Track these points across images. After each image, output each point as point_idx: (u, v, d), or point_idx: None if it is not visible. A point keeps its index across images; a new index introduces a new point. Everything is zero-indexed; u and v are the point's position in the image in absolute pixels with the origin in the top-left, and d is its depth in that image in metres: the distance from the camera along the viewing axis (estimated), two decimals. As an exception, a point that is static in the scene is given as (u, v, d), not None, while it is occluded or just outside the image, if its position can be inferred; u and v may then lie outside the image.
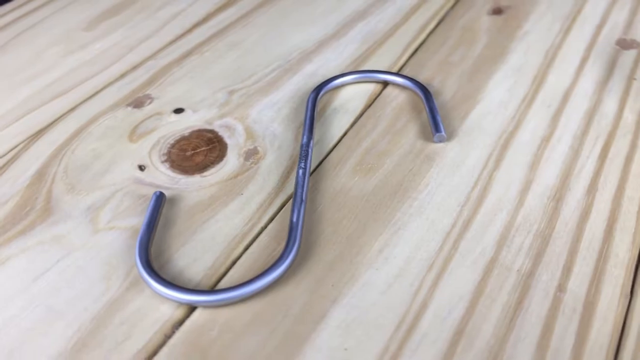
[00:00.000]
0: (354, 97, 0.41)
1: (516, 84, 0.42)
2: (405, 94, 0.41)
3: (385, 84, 0.42)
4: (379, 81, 0.42)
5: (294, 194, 0.32)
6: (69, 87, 0.43)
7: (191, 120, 0.40)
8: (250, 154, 0.37)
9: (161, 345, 0.26)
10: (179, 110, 0.40)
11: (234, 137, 0.38)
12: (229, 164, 0.36)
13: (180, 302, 0.28)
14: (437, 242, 0.31)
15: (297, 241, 0.30)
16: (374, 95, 0.41)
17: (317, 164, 0.36)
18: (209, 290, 0.28)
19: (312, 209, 0.33)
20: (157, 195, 0.32)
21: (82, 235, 0.32)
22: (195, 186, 0.34)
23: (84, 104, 0.41)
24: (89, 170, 0.36)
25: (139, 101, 0.41)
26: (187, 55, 0.47)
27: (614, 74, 0.43)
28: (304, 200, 0.32)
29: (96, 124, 0.39)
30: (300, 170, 0.34)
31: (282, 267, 0.29)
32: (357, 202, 0.33)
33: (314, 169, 0.35)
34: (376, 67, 0.44)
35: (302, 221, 0.31)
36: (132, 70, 0.45)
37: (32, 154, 0.37)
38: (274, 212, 0.33)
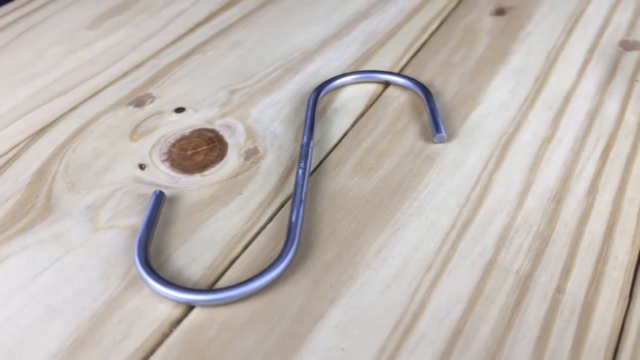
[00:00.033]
0: (355, 97, 0.41)
1: (518, 85, 0.42)
2: (406, 95, 0.41)
3: (386, 84, 0.42)
4: (380, 81, 0.42)
5: (293, 193, 0.32)
6: (71, 86, 0.43)
7: (192, 119, 0.40)
8: (250, 153, 0.37)
9: (159, 344, 0.27)
10: (180, 109, 0.41)
11: (235, 137, 0.38)
12: (229, 164, 0.36)
13: (178, 301, 0.28)
14: (436, 242, 0.31)
15: (295, 241, 0.30)
16: (375, 95, 0.41)
17: (317, 164, 0.36)
18: (207, 289, 0.28)
19: (312, 209, 0.33)
20: (157, 194, 0.33)
21: (81, 233, 0.32)
22: (195, 185, 0.35)
23: (86, 102, 0.41)
24: (89, 168, 0.36)
25: (140, 100, 0.41)
26: (189, 54, 0.47)
27: (616, 75, 0.43)
28: (303, 200, 0.32)
29: (97, 122, 0.39)
30: (300, 170, 0.34)
31: (280, 267, 0.29)
32: (356, 202, 0.33)
33: (314, 169, 0.35)
34: (378, 68, 0.44)
35: (301, 221, 0.31)
36: (134, 69, 0.45)
37: (33, 153, 0.37)
38: (273, 211, 0.33)
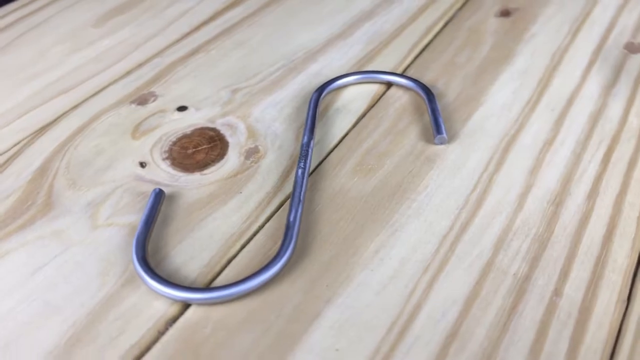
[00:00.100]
0: (357, 97, 0.41)
1: (521, 86, 0.42)
2: (408, 95, 0.41)
3: (388, 85, 0.42)
4: (383, 82, 0.42)
5: (292, 193, 0.32)
6: (74, 84, 0.43)
7: (194, 118, 0.40)
8: (251, 152, 0.37)
9: (154, 341, 0.27)
10: (183, 108, 0.41)
11: (236, 136, 0.38)
12: (230, 163, 0.36)
13: (174, 299, 0.28)
14: (434, 244, 0.31)
15: (292, 241, 0.30)
16: (377, 96, 0.41)
17: (317, 164, 0.36)
18: (204, 288, 0.28)
19: (311, 209, 0.33)
20: (157, 192, 0.33)
21: (81, 230, 0.32)
22: (195, 184, 0.35)
23: (89, 100, 0.42)
24: (90, 166, 0.36)
25: (143, 98, 0.42)
26: (192, 53, 0.47)
27: (621, 77, 0.42)
28: (302, 200, 0.32)
29: (100, 120, 0.40)
30: (299, 170, 0.34)
31: (277, 267, 0.29)
32: (355, 202, 0.33)
33: (314, 169, 0.35)
34: (381, 68, 0.44)
35: (299, 221, 0.31)
36: (138, 67, 0.45)
37: (35, 150, 0.37)
38: (272, 211, 0.33)
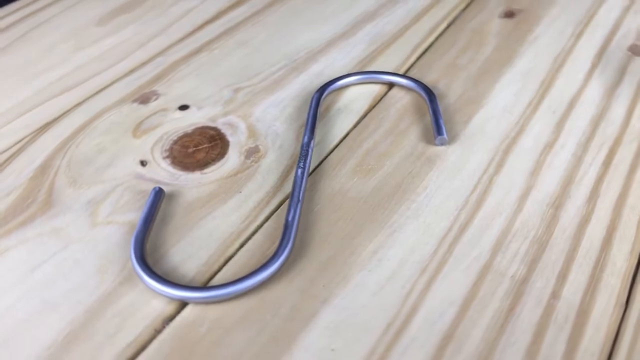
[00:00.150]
0: (358, 97, 0.41)
1: (523, 88, 0.42)
2: (410, 96, 0.41)
3: (390, 86, 0.42)
4: (384, 82, 0.42)
5: (291, 193, 0.32)
6: (77, 82, 0.44)
7: (195, 117, 0.40)
8: (251, 152, 0.37)
9: (151, 339, 0.27)
10: (184, 107, 0.41)
11: (236, 135, 0.38)
12: (230, 162, 0.36)
13: (171, 298, 0.28)
14: (432, 245, 0.31)
15: (290, 240, 0.30)
16: (378, 96, 0.41)
17: (317, 164, 0.36)
18: (201, 287, 0.28)
19: (309, 209, 0.33)
20: (156, 191, 0.33)
21: (80, 228, 0.32)
22: (194, 183, 0.35)
23: (91, 99, 0.42)
24: (91, 164, 0.36)
25: (145, 97, 0.42)
26: (195, 52, 0.47)
27: (624, 80, 0.42)
28: (301, 200, 0.32)
29: (101, 119, 0.40)
30: (299, 169, 0.34)
31: (274, 266, 0.29)
32: (354, 203, 0.33)
33: (314, 169, 0.35)
34: (383, 68, 0.44)
35: (298, 221, 0.31)
36: (141, 66, 0.45)
37: (37, 147, 0.38)
38: (271, 210, 0.33)
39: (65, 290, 0.29)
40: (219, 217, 0.33)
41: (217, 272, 0.30)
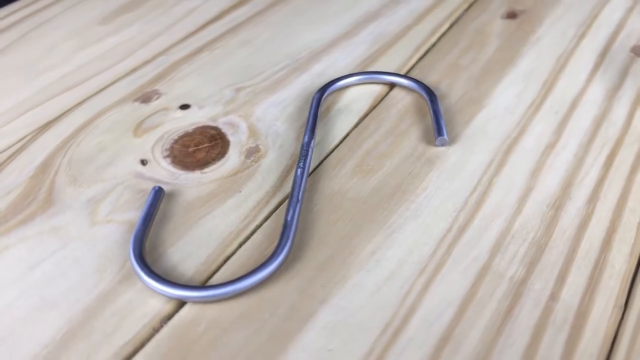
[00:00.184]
0: (359, 98, 0.41)
1: (525, 89, 0.41)
2: (411, 97, 0.41)
3: (391, 86, 0.42)
4: (385, 83, 0.42)
5: (290, 193, 0.32)
6: (79, 81, 0.44)
7: (196, 116, 0.40)
8: (251, 151, 0.37)
9: (149, 338, 0.27)
10: (185, 106, 0.41)
11: (237, 135, 0.38)
12: (230, 161, 0.36)
13: (170, 297, 0.28)
14: (431, 246, 0.31)
15: (289, 240, 0.30)
16: (379, 97, 0.41)
17: (317, 164, 0.36)
18: (199, 286, 0.29)
19: (309, 209, 0.33)
20: (156, 190, 0.33)
21: (80, 227, 0.32)
22: (194, 182, 0.35)
23: (93, 97, 0.42)
24: (92, 163, 0.36)
25: (146, 96, 0.42)
26: (197, 52, 0.47)
27: (626, 81, 0.42)
28: (300, 199, 0.32)
29: (103, 117, 0.40)
30: (298, 169, 0.34)
31: (273, 266, 0.29)
32: (354, 203, 0.33)
33: (314, 169, 0.35)
34: (385, 69, 0.44)
35: (297, 221, 0.31)
36: (143, 65, 0.45)
37: (38, 146, 0.38)
38: (270, 210, 0.33)
39: (64, 288, 0.29)
40: (219, 217, 0.33)
41: (215, 272, 0.30)
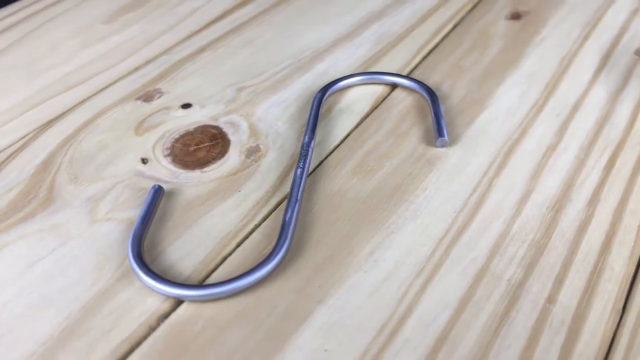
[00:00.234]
0: (360, 98, 0.41)
1: (527, 90, 0.41)
2: (412, 97, 0.41)
3: (393, 87, 0.42)
4: (387, 83, 0.42)
5: (289, 193, 0.33)
6: (82, 79, 0.44)
7: (197, 115, 0.40)
8: (252, 151, 0.37)
9: (145, 336, 0.27)
10: (187, 105, 0.41)
11: (238, 134, 0.38)
12: (230, 161, 0.36)
13: (167, 296, 0.28)
14: (429, 247, 0.31)
15: (287, 240, 0.30)
16: (381, 97, 0.41)
17: (317, 164, 0.36)
18: (196, 285, 0.29)
19: (308, 209, 0.33)
20: (156, 188, 0.33)
21: (80, 225, 0.32)
22: (194, 181, 0.35)
23: (95, 96, 0.42)
24: (93, 161, 0.36)
25: (148, 95, 0.42)
26: (200, 51, 0.47)
27: (630, 83, 0.42)
28: (299, 199, 0.32)
29: (105, 116, 0.40)
30: (298, 169, 0.34)
31: (270, 266, 0.29)
32: (353, 204, 0.33)
33: (314, 169, 0.35)
34: (388, 69, 0.44)
35: (295, 220, 0.31)
36: (146, 64, 0.46)
37: (40, 144, 0.38)
38: (269, 210, 0.33)
39: (62, 285, 0.29)
40: (218, 216, 0.33)
41: (213, 271, 0.30)
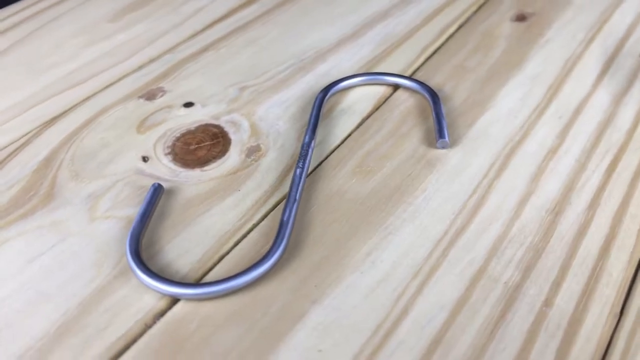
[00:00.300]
0: (362, 99, 0.41)
1: (530, 92, 0.41)
2: (414, 98, 0.41)
3: (395, 87, 0.42)
4: (389, 84, 0.42)
5: (288, 192, 0.33)
6: (86, 77, 0.44)
7: (199, 114, 0.40)
8: (252, 150, 0.37)
9: (141, 334, 0.27)
10: (189, 104, 0.41)
11: (239, 133, 0.38)
12: (230, 160, 0.36)
13: (163, 294, 0.28)
14: (427, 248, 0.30)
15: (284, 240, 0.30)
16: (383, 98, 0.41)
17: (317, 164, 0.36)
18: (193, 283, 0.29)
19: (306, 209, 0.33)
20: (155, 187, 0.33)
21: (79, 222, 0.32)
22: (194, 180, 0.35)
23: (99, 94, 0.42)
24: (94, 159, 0.37)
25: (151, 94, 0.42)
26: (204, 50, 0.47)
27: (634, 86, 0.41)
28: (297, 199, 0.32)
29: (107, 114, 0.40)
30: (297, 169, 0.34)
31: (267, 265, 0.29)
32: (351, 204, 0.33)
33: (314, 169, 0.35)
34: (391, 70, 0.44)
35: (293, 220, 0.31)
36: (149, 63, 0.46)
37: (43, 141, 0.38)
38: (268, 210, 0.33)
39: (60, 282, 0.29)
40: (216, 215, 0.33)
41: (210, 269, 0.30)
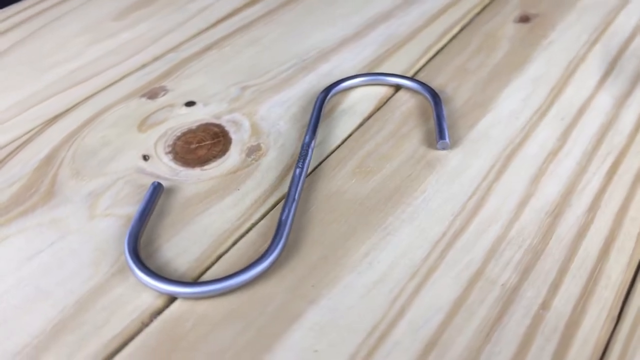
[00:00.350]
0: (363, 99, 0.41)
1: (532, 94, 0.41)
2: (416, 99, 0.41)
3: (397, 88, 0.42)
4: (390, 85, 0.42)
5: (287, 192, 0.33)
6: (90, 75, 0.44)
7: (200, 113, 0.40)
8: (252, 150, 0.37)
9: (137, 332, 0.27)
10: (191, 103, 0.41)
11: (240, 133, 0.38)
12: (231, 159, 0.36)
13: (161, 292, 0.28)
14: (425, 250, 0.30)
15: (282, 239, 0.30)
16: (384, 98, 0.41)
17: (317, 164, 0.36)
18: (190, 282, 0.29)
19: (305, 209, 0.33)
20: (155, 185, 0.33)
21: (79, 219, 0.33)
22: (194, 179, 0.35)
23: (101, 92, 0.42)
24: (95, 157, 0.37)
25: (153, 92, 0.42)
26: (207, 49, 0.47)
27: (636, 89, 0.41)
28: (296, 199, 0.32)
29: (109, 112, 0.40)
30: (297, 169, 0.34)
31: (264, 265, 0.29)
32: (350, 204, 0.33)
33: (313, 169, 0.35)
34: (393, 70, 0.44)
35: (291, 220, 0.31)
36: (153, 61, 0.46)
37: (45, 139, 0.38)
38: (267, 209, 0.33)
39: (59, 279, 0.29)
40: (215, 214, 0.33)
41: (208, 268, 0.30)
